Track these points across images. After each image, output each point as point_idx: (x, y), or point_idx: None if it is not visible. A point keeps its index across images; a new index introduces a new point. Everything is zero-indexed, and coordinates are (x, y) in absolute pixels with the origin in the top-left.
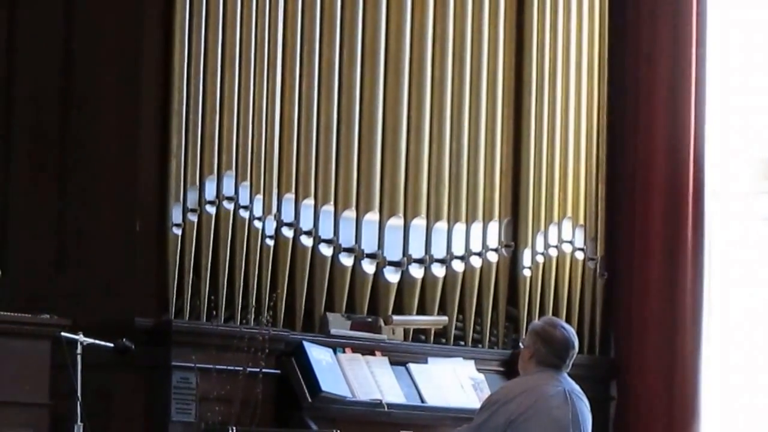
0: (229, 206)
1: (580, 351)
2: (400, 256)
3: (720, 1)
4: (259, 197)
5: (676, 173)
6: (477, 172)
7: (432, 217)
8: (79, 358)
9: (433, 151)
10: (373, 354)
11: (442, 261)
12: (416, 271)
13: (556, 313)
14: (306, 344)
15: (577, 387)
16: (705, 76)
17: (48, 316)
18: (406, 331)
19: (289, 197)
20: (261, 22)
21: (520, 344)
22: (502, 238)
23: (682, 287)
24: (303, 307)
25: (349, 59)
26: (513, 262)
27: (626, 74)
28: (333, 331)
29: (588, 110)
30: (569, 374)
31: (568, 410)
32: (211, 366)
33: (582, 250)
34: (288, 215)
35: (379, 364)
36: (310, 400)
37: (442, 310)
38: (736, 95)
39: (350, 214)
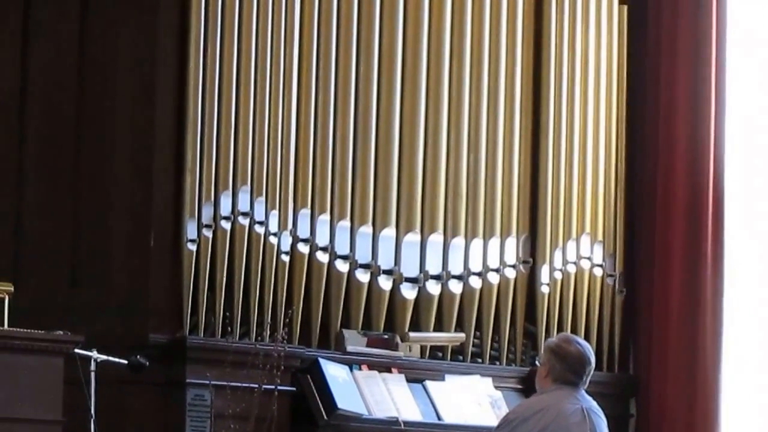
0: (245, 222)
1: (599, 368)
2: (417, 272)
3: (740, 12)
4: (275, 212)
5: (697, 188)
6: (495, 187)
7: (449, 233)
8: (92, 374)
9: (450, 165)
10: (389, 371)
11: (459, 277)
12: (433, 288)
13: (574, 329)
14: (322, 361)
15: (594, 404)
16: (725, 89)
17: (62, 332)
18: (422, 348)
19: (305, 212)
20: (276, 37)
21: (537, 362)
22: (520, 254)
23: (702, 303)
24: (319, 324)
25: (366, 73)
26: (531, 279)
27: (646, 88)
28: (349, 347)
29: (607, 124)
30: (587, 391)
31: (587, 428)
32: (226, 383)
33: (600, 266)
34: (304, 231)
35: (396, 381)
36: (326, 417)
37: (460, 327)
38: (758, 110)
39: (367, 229)
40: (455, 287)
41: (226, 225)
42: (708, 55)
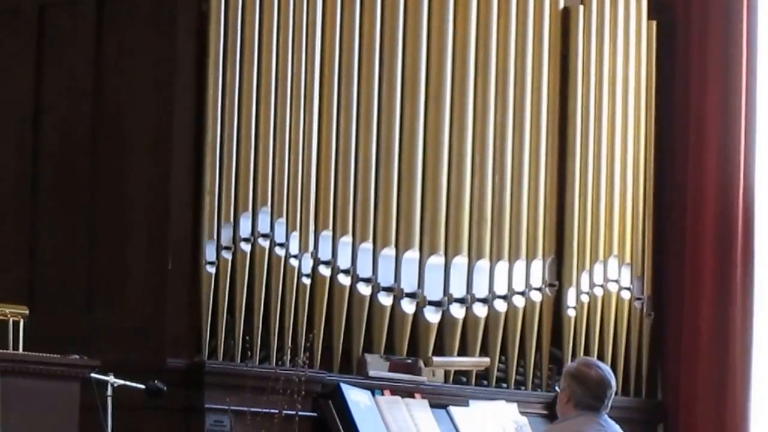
0: (265, 243)
1: (626, 393)
2: (441, 295)
3: None
4: (296, 234)
5: (727, 209)
6: (520, 208)
7: (474, 255)
8: (109, 399)
9: (475, 186)
10: (412, 396)
11: (484, 300)
12: (457, 311)
13: (601, 354)
14: (343, 386)
15: (618, 429)
16: (756, 107)
17: (77, 356)
18: (446, 373)
19: (327, 234)
20: (297, 58)
21: (556, 388)
22: (546, 277)
23: (732, 327)
24: (341, 348)
25: (389, 92)
26: (557, 302)
27: (675, 105)
28: (371, 372)
29: (635, 144)
30: (610, 416)
31: None
32: (245, 408)
33: (628, 289)
34: (325, 253)
35: (419, 406)
36: None
37: (484, 351)
38: None
39: (389, 251)
40: (480, 311)
41: (246, 247)
42: (738, 71)
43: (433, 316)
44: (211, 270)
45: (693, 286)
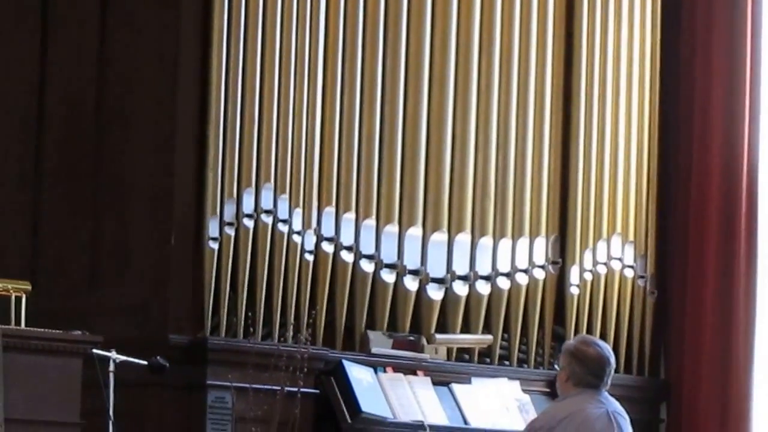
0: (268, 220)
1: (629, 372)
2: (444, 272)
3: None
4: (299, 210)
5: (731, 188)
6: (524, 186)
7: (477, 233)
8: (111, 375)
9: (478, 164)
10: (415, 374)
11: (486, 278)
12: (460, 289)
13: (604, 332)
14: (346, 363)
15: (619, 406)
16: (760, 86)
17: (80, 332)
18: (449, 351)
19: (330, 211)
20: (301, 32)
21: (556, 366)
22: (549, 255)
23: (735, 306)
24: (343, 325)
25: (393, 70)
26: (560, 280)
27: (680, 84)
28: (374, 349)
29: (639, 121)
30: (611, 393)
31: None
32: (247, 385)
33: (632, 267)
34: (328, 229)
35: (422, 384)
36: (349, 421)
37: (487, 329)
38: None
39: (392, 228)
40: (483, 288)
41: (249, 223)
42: (743, 47)
43: (436, 293)
44: (214, 246)
45: (696, 265)
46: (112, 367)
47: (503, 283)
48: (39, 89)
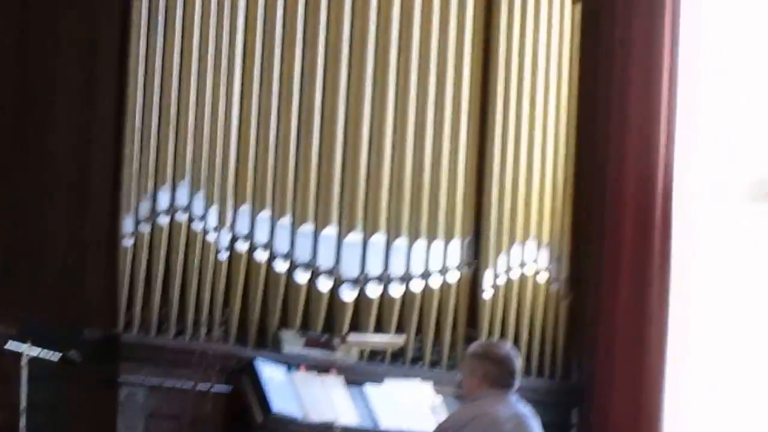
0: (183, 217)
1: (541, 376)
2: (358, 273)
3: (694, 17)
4: (214, 208)
5: (646, 193)
6: (439, 187)
7: (392, 234)
8: (24, 370)
9: (394, 165)
10: (327, 373)
11: (401, 279)
12: (374, 289)
13: (516, 335)
14: (258, 361)
15: (527, 408)
16: (677, 91)
17: None
18: (362, 351)
19: (245, 209)
20: (220, 29)
21: (457, 376)
22: (464, 258)
23: (649, 310)
24: (256, 323)
25: (311, 68)
26: (474, 283)
27: (597, 89)
28: (287, 348)
29: (555, 125)
30: (522, 396)
31: None
32: (160, 382)
33: (547, 270)
34: (243, 228)
35: (334, 383)
36: (261, 419)
37: (400, 330)
38: (708, 115)
39: (307, 228)
40: (396, 290)
41: (164, 220)
42: (661, 52)
43: (349, 294)
44: (129, 242)
45: (611, 269)
46: (24, 361)
47: (417, 285)
48: None
